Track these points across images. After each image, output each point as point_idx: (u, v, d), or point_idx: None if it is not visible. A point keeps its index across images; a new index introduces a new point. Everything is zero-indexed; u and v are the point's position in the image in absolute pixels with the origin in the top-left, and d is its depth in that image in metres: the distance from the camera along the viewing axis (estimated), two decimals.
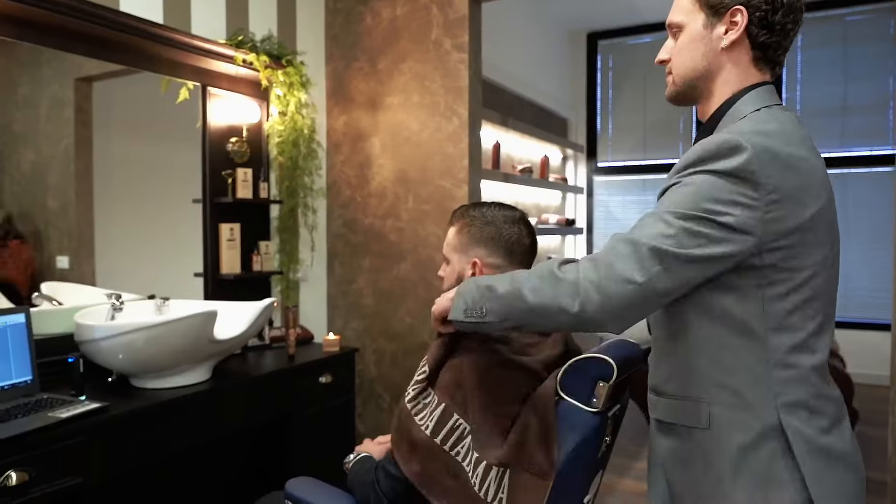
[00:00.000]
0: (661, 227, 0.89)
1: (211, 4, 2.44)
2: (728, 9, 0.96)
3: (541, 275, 0.94)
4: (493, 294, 0.97)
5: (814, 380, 0.93)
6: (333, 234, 2.98)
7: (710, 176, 0.89)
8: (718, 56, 0.99)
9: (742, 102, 0.98)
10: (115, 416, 1.61)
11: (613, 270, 0.88)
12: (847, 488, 0.94)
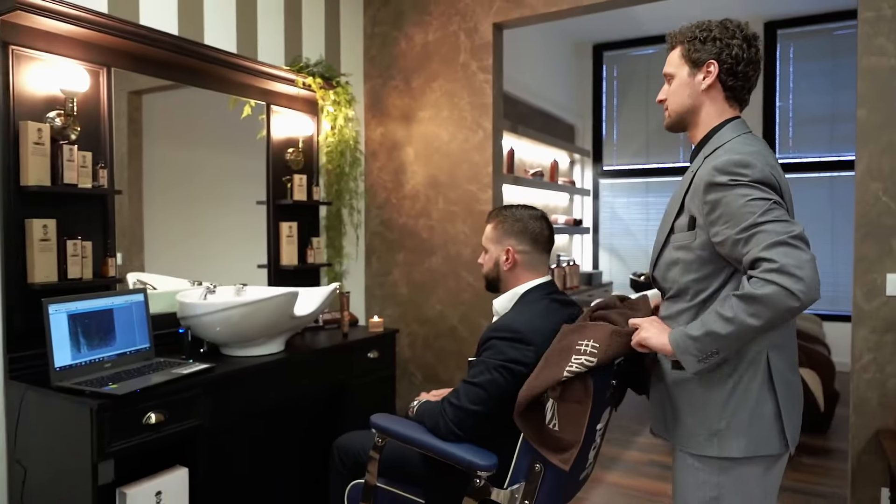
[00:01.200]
0: (775, 227, 1.16)
1: (272, 34, 2.84)
2: (705, 62, 1.35)
3: (742, 305, 1.16)
4: (718, 337, 1.19)
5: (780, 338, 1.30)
6: (371, 232, 3.39)
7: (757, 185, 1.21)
8: (700, 96, 1.38)
9: (724, 131, 1.36)
10: (218, 375, 2.01)
11: (798, 263, 1.12)
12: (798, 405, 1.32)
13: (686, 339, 1.24)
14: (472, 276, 3.09)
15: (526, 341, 1.52)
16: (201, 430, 1.93)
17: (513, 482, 1.48)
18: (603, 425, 1.62)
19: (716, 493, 1.30)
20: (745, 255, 1.19)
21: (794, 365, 1.34)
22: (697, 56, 1.36)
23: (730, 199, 1.21)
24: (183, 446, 1.95)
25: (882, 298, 2.22)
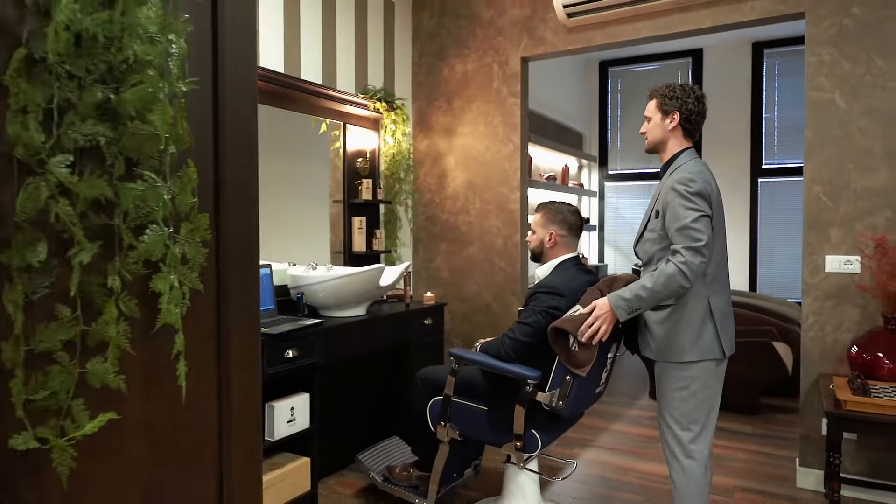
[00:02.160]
0: (694, 234, 1.91)
1: (346, 67, 3.56)
2: (671, 112, 2.08)
3: (660, 283, 1.92)
4: (640, 301, 1.96)
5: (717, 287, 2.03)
6: (418, 226, 4.11)
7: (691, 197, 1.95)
8: (667, 133, 2.10)
9: (682, 156, 2.09)
10: (327, 328, 2.73)
11: (695, 263, 1.88)
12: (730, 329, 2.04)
13: (619, 299, 2.00)
14: (503, 262, 3.81)
15: (560, 294, 2.24)
16: (317, 366, 2.65)
17: (551, 388, 2.20)
18: (612, 355, 2.34)
19: (684, 384, 2.02)
20: (674, 243, 1.95)
21: (727, 304, 2.08)
22: (666, 108, 2.09)
23: (677, 203, 1.96)
24: (304, 377, 2.67)
25: (822, 275, 2.94)
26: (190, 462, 1.20)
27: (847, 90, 2.87)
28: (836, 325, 2.90)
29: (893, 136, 2.78)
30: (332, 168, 3.50)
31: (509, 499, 2.52)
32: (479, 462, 2.89)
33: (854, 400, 2.38)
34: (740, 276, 6.43)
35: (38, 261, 0.95)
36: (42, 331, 0.96)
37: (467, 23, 3.90)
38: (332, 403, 3.01)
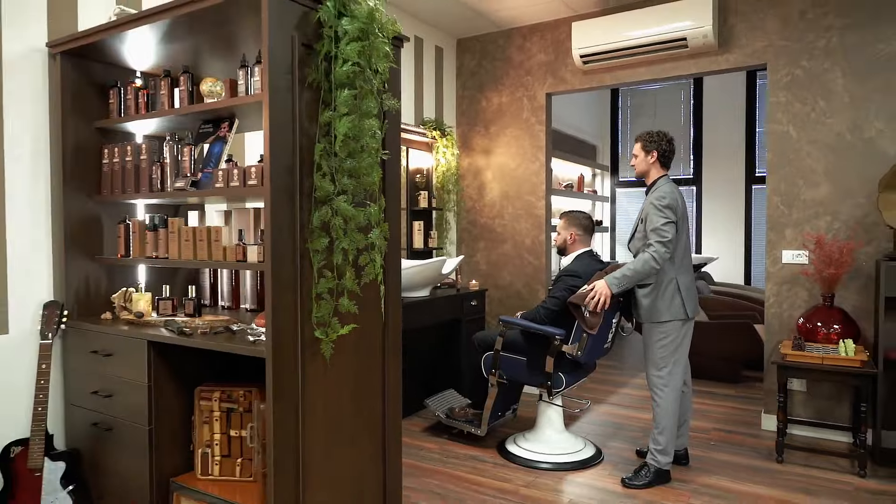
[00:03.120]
0: (663, 234, 2.85)
1: (407, 103, 4.51)
2: (651, 150, 3.01)
3: (638, 266, 2.90)
4: (626, 279, 2.92)
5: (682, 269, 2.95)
6: (462, 228, 5.04)
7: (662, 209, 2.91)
8: (649, 165, 3.05)
9: (659, 181, 3.02)
10: (404, 303, 3.67)
11: (661, 253, 2.85)
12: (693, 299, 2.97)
13: (611, 279, 2.96)
14: (531, 257, 4.73)
15: (578, 276, 3.17)
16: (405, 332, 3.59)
17: (573, 342, 3.12)
18: (616, 321, 3.27)
19: (661, 337, 2.95)
20: (649, 239, 2.89)
21: (691, 281, 3.02)
22: (648, 148, 3.04)
23: (653, 213, 2.92)
24: None
25: (780, 265, 3.83)
26: (374, 355, 2.17)
27: (798, 124, 3.77)
28: (790, 304, 3.80)
29: (831, 159, 3.67)
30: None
31: (541, 427, 3.45)
32: (517, 408, 3.83)
33: (792, 353, 3.28)
34: (737, 270, 7.28)
35: (323, 247, 1.91)
36: (320, 283, 1.92)
37: (502, 64, 4.83)
38: (405, 363, 3.95)
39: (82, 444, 2.39)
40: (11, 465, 2.26)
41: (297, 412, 1.91)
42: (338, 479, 2.07)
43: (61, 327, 2.38)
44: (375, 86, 1.93)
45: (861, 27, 3.58)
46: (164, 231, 2.33)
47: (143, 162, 2.37)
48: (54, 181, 2.46)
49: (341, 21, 1.88)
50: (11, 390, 2.35)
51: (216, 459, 2.20)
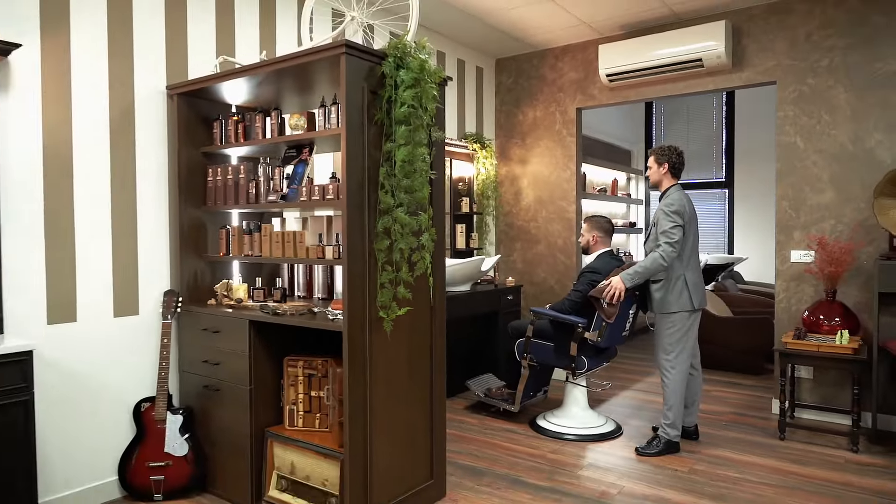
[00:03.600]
0: (671, 237, 3.32)
1: (451, 119, 5.06)
2: (663, 163, 3.48)
3: (648, 264, 3.38)
4: (638, 275, 3.40)
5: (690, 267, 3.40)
6: (500, 230, 5.56)
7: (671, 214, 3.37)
8: (662, 175, 3.50)
9: (671, 190, 3.48)
10: (448, 296, 4.22)
11: (668, 253, 3.32)
12: (700, 292, 3.41)
13: (625, 274, 3.42)
14: (563, 256, 5.21)
15: (599, 272, 3.66)
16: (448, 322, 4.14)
17: (593, 329, 3.61)
18: (633, 312, 3.74)
19: (670, 325, 3.41)
20: (658, 240, 3.35)
21: (698, 278, 3.46)
22: (660, 161, 3.49)
23: (662, 218, 3.37)
24: None
25: (788, 264, 4.21)
26: (424, 332, 2.72)
27: (804, 136, 4.15)
28: (798, 299, 4.18)
29: (835, 168, 4.04)
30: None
31: (568, 405, 3.94)
32: (547, 390, 4.32)
33: (792, 342, 3.68)
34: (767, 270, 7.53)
35: (385, 247, 2.47)
36: (383, 275, 2.48)
37: (536, 81, 5.33)
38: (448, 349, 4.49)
39: (194, 402, 3.02)
40: (142, 416, 2.91)
41: (366, 375, 2.48)
42: (396, 428, 2.63)
43: (177, 310, 3.02)
44: (425, 121, 2.48)
45: (861, 48, 3.94)
46: (257, 235, 2.94)
47: (240, 179, 2.99)
48: (171, 195, 3.11)
49: (399, 72, 2.44)
50: (141, 359, 3.00)
51: (300, 414, 2.79)
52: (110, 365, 2.89)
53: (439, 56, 4.93)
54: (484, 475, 3.19)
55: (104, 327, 2.87)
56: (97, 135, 2.84)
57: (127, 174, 2.95)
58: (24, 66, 2.58)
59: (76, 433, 2.77)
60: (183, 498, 2.90)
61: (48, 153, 2.67)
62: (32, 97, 2.62)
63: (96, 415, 2.84)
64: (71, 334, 2.75)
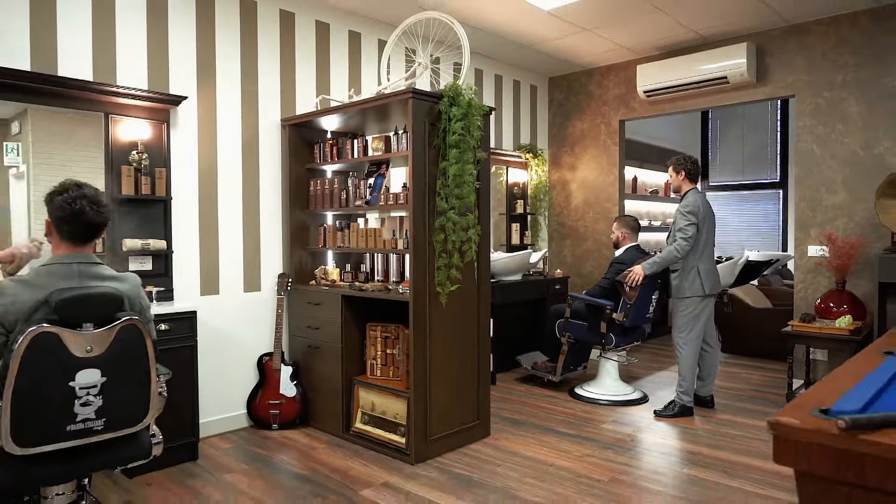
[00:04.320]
0: (685, 233, 3.97)
1: (508, 132, 5.84)
2: (680, 171, 4.12)
3: (665, 255, 4.06)
4: (656, 265, 4.10)
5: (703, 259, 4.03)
6: (552, 229, 6.29)
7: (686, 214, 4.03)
8: (681, 181, 4.15)
9: (688, 193, 4.12)
10: (500, 284, 5.01)
11: (682, 247, 3.98)
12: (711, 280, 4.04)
13: (645, 264, 4.11)
14: (608, 252, 5.88)
15: (624, 263, 4.36)
16: (496, 303, 4.94)
17: (620, 311, 4.31)
18: (656, 298, 4.40)
19: (684, 308, 4.06)
20: (675, 235, 4.00)
21: (711, 268, 4.08)
22: (677, 169, 4.14)
23: (679, 217, 4.03)
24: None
25: (806, 258, 4.71)
26: (470, 306, 3.55)
27: (820, 143, 4.64)
28: (813, 290, 4.68)
29: (847, 171, 4.52)
30: (499, 193, 5.81)
31: (601, 376, 4.64)
32: (586, 366, 5.03)
33: (797, 325, 4.23)
34: None
35: (440, 240, 3.33)
36: (439, 261, 3.33)
37: (584, 97, 6.02)
38: (503, 329, 5.30)
39: (300, 357, 3.98)
40: (263, 366, 3.90)
41: (426, 336, 3.32)
42: (449, 378, 3.46)
43: (288, 288, 3.99)
44: (472, 145, 3.30)
45: (871, 65, 4.41)
46: (347, 231, 3.86)
47: (334, 189, 3.92)
48: (283, 201, 4.09)
49: (451, 109, 3.27)
50: (262, 324, 3.99)
51: (378, 366, 3.68)
52: (241, 327, 3.90)
53: (496, 79, 5.73)
54: (523, 425, 3.97)
55: (237, 299, 3.89)
56: (233, 157, 3.85)
57: (253, 186, 3.95)
58: (187, 110, 3.62)
59: (220, 375, 3.78)
60: (292, 429, 3.87)
61: (201, 172, 3.70)
62: (192, 131, 3.65)
63: (233, 363, 3.86)
64: (216, 303, 3.77)
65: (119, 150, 3.32)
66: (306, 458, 3.43)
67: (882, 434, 1.18)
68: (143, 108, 3.37)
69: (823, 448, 1.24)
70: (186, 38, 3.62)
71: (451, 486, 3.02)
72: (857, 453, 1.19)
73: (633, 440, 3.69)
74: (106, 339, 2.01)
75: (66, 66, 3.17)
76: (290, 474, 3.20)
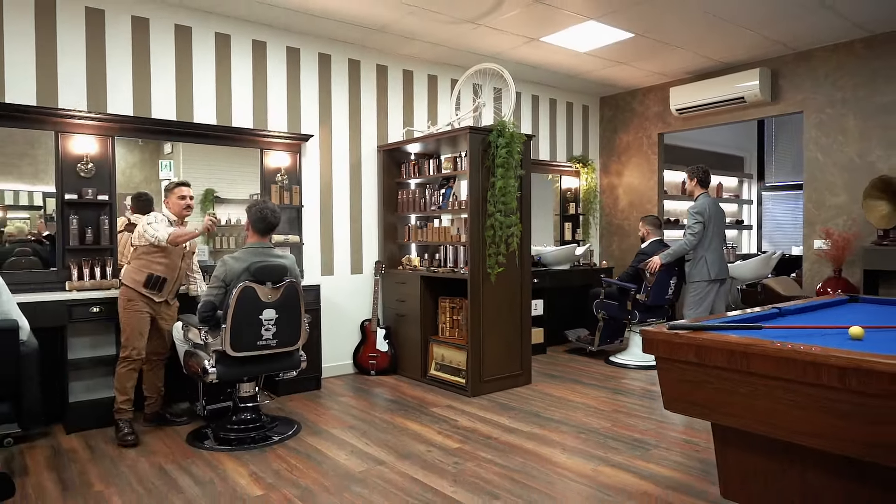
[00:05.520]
0: (693, 230, 5.00)
1: (562, 145, 6.96)
2: (693, 178, 5.12)
3: (676, 248, 5.12)
4: (669, 255, 5.16)
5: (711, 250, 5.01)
6: (602, 227, 7.34)
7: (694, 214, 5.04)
8: (694, 187, 5.15)
9: (699, 197, 5.11)
10: (550, 272, 6.16)
11: (691, 242, 5.01)
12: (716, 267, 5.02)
13: (662, 255, 5.18)
14: None
15: (647, 253, 5.41)
16: (545, 287, 6.09)
17: (643, 293, 5.36)
18: (673, 282, 5.40)
19: (693, 291, 5.08)
20: (685, 232, 5.01)
21: (719, 257, 5.06)
22: (691, 177, 5.16)
23: (689, 217, 5.05)
24: (540, 292, 6.12)
25: (813, 250, 5.53)
26: (513, 285, 4.78)
27: (824, 152, 5.45)
28: (819, 277, 5.49)
29: (846, 176, 5.31)
30: (554, 197, 6.94)
31: (630, 347, 5.68)
32: (622, 339, 6.08)
33: None
34: None
35: (490, 235, 4.59)
36: (489, 249, 4.59)
37: (629, 113, 7.03)
38: (554, 309, 6.44)
39: (391, 322, 5.35)
40: (364, 328, 5.29)
41: (480, 305, 4.57)
42: (498, 336, 4.69)
43: (382, 272, 5.36)
44: (513, 165, 4.51)
45: (865, 86, 5.19)
46: (425, 229, 5.18)
47: (416, 197, 5.25)
48: (379, 207, 5.47)
49: (498, 139, 4.50)
50: (363, 298, 5.39)
51: (447, 329, 4.96)
52: (349, 300, 5.32)
53: (551, 102, 6.87)
54: (559, 378, 5.13)
55: (346, 279, 5.31)
56: (343, 176, 5.28)
57: (357, 196, 5.36)
58: (312, 144, 5.08)
59: (334, 334, 5.21)
60: (385, 375, 5.24)
61: (322, 187, 5.15)
62: (315, 158, 5.11)
63: (343, 325, 5.28)
64: (331, 281, 5.21)
65: (268, 173, 4.81)
66: (395, 391, 4.78)
67: (691, 333, 2.33)
68: (284, 144, 4.85)
69: (662, 342, 2.39)
70: (311, 94, 5.08)
71: (494, 408, 4.26)
72: (675, 343, 2.34)
73: (643, 390, 4.75)
74: (278, 292, 3.43)
75: (238, 118, 4.70)
76: (383, 399, 4.56)
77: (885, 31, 5.06)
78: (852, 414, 1.86)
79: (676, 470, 3.12)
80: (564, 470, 3.14)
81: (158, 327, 3.82)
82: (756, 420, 2.21)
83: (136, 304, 3.65)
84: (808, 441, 2.04)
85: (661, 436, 3.65)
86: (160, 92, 4.38)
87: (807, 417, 2.00)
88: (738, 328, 2.46)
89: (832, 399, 1.90)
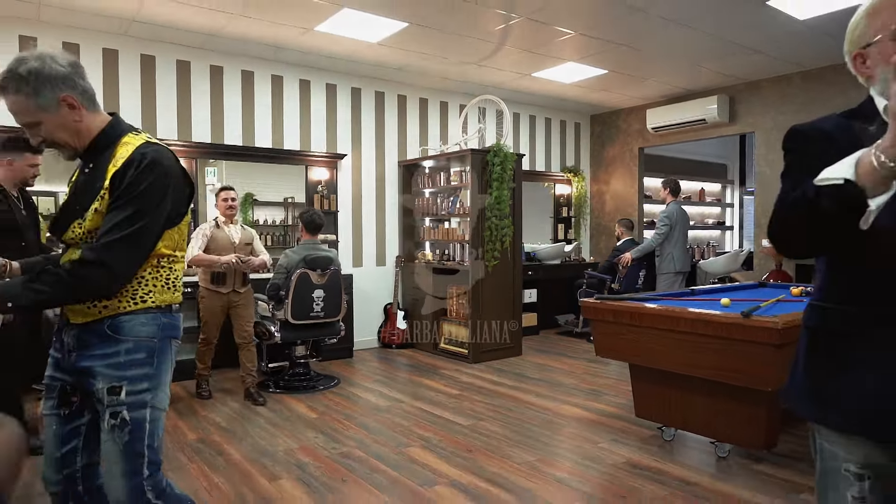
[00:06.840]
0: (660, 231, 6.16)
1: (556, 156, 8.09)
2: (666, 188, 6.23)
3: (644, 246, 6.32)
4: (638, 251, 6.44)
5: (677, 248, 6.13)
6: (592, 228, 8.45)
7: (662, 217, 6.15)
8: (665, 195, 6.29)
9: (670, 204, 6.24)
10: (543, 265, 7.30)
11: (657, 235, 6.20)
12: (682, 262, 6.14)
13: (633, 251, 6.36)
14: None
15: (620, 250, 6.54)
16: (540, 278, 7.24)
17: (616, 282, 6.48)
18: (643, 274, 6.52)
19: (663, 280, 6.21)
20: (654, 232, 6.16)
21: (683, 253, 6.18)
22: (664, 187, 6.29)
23: (658, 220, 6.22)
24: (533, 282, 7.26)
25: (761, 247, 6.61)
26: (506, 274, 5.96)
27: (771, 166, 6.53)
28: (764, 269, 6.57)
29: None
30: (549, 202, 8.07)
31: None
32: None
33: None
34: None
35: (488, 235, 5.78)
36: (486, 245, 5.78)
37: (615, 130, 8.15)
38: (547, 297, 7.58)
39: (409, 305, 6.54)
40: (387, 310, 6.49)
41: (479, 291, 5.73)
42: (493, 316, 5.85)
43: (401, 264, 6.55)
44: (507, 179, 5.67)
45: (802, 111, 6.26)
46: (437, 229, 6.37)
47: (429, 204, 6.43)
48: (398, 211, 6.66)
49: (494, 158, 5.66)
50: (386, 285, 6.59)
51: (454, 310, 6.14)
52: (374, 287, 6.52)
53: (546, 121, 8.01)
54: (546, 352, 6.27)
55: (372, 270, 6.51)
56: (370, 186, 6.48)
57: (381, 203, 6.56)
58: (345, 161, 6.29)
59: (363, 314, 6.41)
60: (403, 349, 6.43)
61: (353, 196, 6.36)
62: (348, 173, 6.31)
63: (369, 307, 6.48)
64: (360, 272, 6.41)
65: (311, 185, 6.03)
66: (411, 359, 5.97)
67: (610, 302, 3.49)
68: (324, 162, 6.06)
69: (593, 308, 3.56)
70: (345, 120, 6.29)
71: (489, 371, 5.43)
72: (599, 308, 3.51)
73: (612, 361, 5.87)
74: (325, 276, 4.64)
75: (288, 142, 5.93)
76: (402, 364, 5.76)
77: (817, 67, 6.12)
78: (699, 348, 3.02)
79: (617, 408, 4.26)
80: (533, 406, 4.30)
81: (238, 314, 4.47)
82: (649, 358, 3.37)
83: (206, 300, 4.44)
84: (678, 369, 3.20)
85: (614, 388, 4.79)
86: (230, 123, 5.61)
87: (675, 354, 3.16)
88: (647, 300, 3.61)
89: (686, 340, 3.06)
